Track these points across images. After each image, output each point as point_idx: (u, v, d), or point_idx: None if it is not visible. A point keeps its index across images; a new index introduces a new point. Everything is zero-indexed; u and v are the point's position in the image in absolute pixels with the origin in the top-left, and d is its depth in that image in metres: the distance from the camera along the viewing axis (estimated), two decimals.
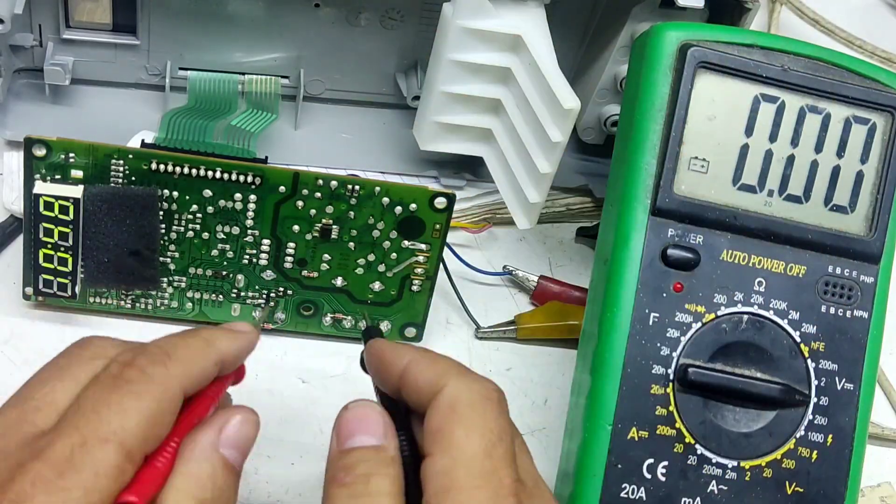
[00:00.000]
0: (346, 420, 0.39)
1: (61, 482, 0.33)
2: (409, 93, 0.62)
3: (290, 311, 0.54)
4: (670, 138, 0.46)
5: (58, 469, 0.33)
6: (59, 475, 0.33)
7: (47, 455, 0.34)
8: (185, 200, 0.51)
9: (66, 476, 0.33)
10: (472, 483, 0.36)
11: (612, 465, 0.44)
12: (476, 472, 0.36)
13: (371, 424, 0.39)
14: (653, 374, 0.45)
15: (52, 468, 0.33)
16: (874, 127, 0.48)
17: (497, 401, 0.38)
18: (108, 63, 0.60)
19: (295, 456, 0.51)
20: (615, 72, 0.60)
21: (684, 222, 0.46)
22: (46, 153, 0.49)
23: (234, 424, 0.38)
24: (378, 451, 0.38)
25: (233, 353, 0.40)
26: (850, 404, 0.47)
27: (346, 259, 0.53)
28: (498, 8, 0.54)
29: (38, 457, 0.34)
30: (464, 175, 0.62)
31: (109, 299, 0.53)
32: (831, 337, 0.47)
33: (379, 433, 0.38)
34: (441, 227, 0.53)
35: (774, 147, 0.47)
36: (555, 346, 0.58)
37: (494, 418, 0.37)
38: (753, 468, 0.45)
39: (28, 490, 0.33)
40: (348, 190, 0.51)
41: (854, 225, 0.48)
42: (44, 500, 0.33)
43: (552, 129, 0.53)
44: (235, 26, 0.59)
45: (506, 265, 0.60)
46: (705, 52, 0.46)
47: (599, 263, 0.47)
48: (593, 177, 0.64)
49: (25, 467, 0.34)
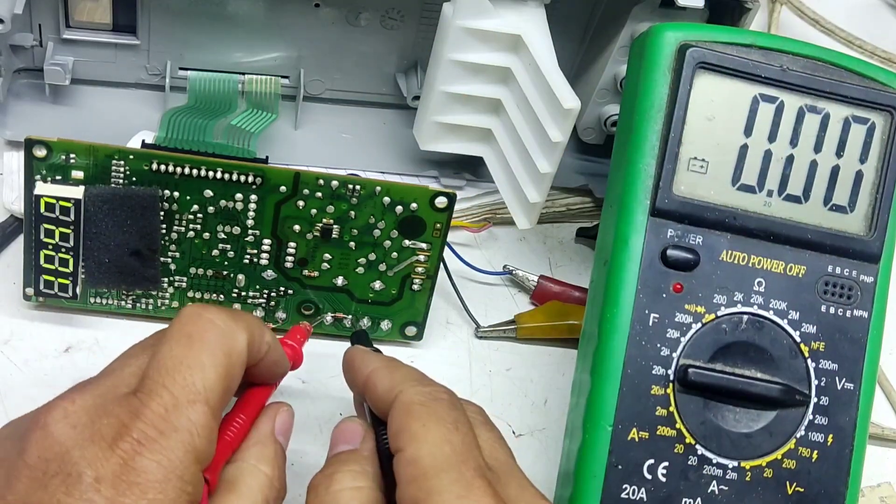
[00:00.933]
0: (332, 436, 0.43)
1: (164, 441, 0.36)
2: (409, 93, 0.62)
3: (290, 310, 0.54)
4: (669, 139, 0.46)
5: (158, 429, 0.36)
6: (161, 434, 0.36)
7: (146, 415, 0.36)
8: (185, 201, 0.51)
9: (167, 435, 0.36)
10: (435, 467, 0.38)
11: (612, 465, 0.44)
12: (438, 457, 0.38)
13: (348, 433, 0.43)
14: (653, 374, 0.45)
15: (153, 428, 0.36)
16: (873, 126, 0.48)
17: (447, 399, 0.40)
18: (108, 63, 0.60)
19: (295, 456, 0.51)
20: (615, 72, 0.60)
21: (684, 223, 0.46)
22: (47, 154, 0.49)
23: (283, 416, 0.43)
24: (351, 453, 0.42)
25: (277, 352, 0.44)
26: (851, 404, 0.47)
27: (346, 258, 0.53)
28: (498, 8, 0.54)
29: (138, 416, 0.36)
30: (464, 175, 0.62)
31: (110, 299, 0.53)
32: (831, 337, 0.47)
33: (356, 440, 0.42)
34: (442, 227, 0.53)
35: (774, 147, 0.47)
36: (555, 345, 0.58)
37: (447, 410, 0.40)
38: (754, 468, 0.45)
39: (136, 448, 0.36)
40: (349, 190, 0.51)
41: (853, 224, 0.48)
42: (151, 458, 0.36)
43: (552, 129, 0.53)
44: (235, 26, 0.59)
45: (506, 265, 0.60)
46: (704, 53, 0.46)
47: (599, 264, 0.47)
48: (593, 177, 0.64)
49: (129, 427, 0.36)
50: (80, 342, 0.53)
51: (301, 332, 0.48)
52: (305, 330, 0.49)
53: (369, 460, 0.41)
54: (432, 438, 0.38)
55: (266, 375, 0.44)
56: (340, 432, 0.43)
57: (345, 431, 0.43)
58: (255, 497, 0.40)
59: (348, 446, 0.42)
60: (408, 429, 0.39)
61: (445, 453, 0.38)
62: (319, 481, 0.40)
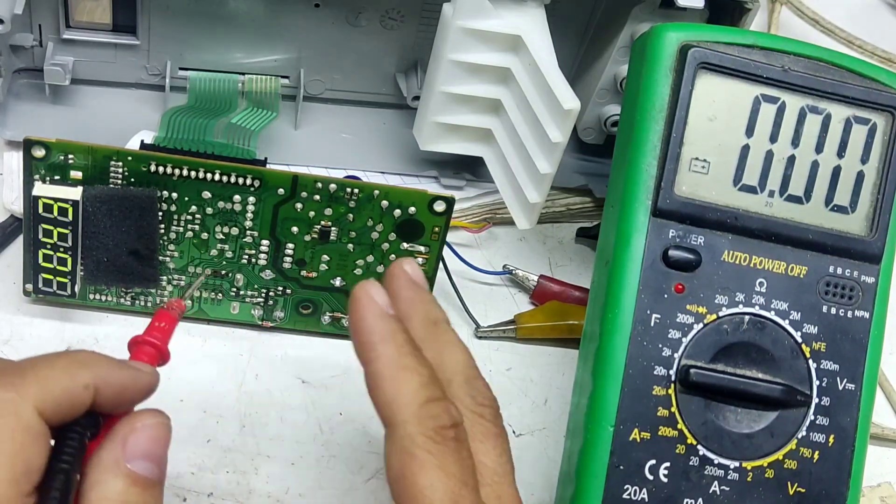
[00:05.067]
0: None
1: None
2: (409, 93, 0.62)
3: (288, 309, 0.54)
4: (671, 139, 0.46)
5: None
6: None
7: None
8: (184, 202, 0.51)
9: None
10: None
11: (613, 466, 0.44)
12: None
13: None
14: (654, 375, 0.45)
15: None
16: (874, 127, 0.48)
17: (453, 437, 0.37)
18: (108, 63, 0.60)
19: (295, 456, 0.51)
20: (615, 72, 0.60)
21: (685, 223, 0.46)
22: (46, 154, 0.49)
23: (139, 433, 0.36)
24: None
25: (114, 381, 0.37)
26: (852, 404, 0.47)
27: (344, 260, 0.53)
28: (498, 8, 0.54)
29: None
30: (464, 175, 0.62)
31: (109, 296, 0.53)
32: (832, 337, 0.47)
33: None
34: (440, 230, 0.53)
35: (775, 147, 0.47)
36: (555, 345, 0.58)
37: (454, 461, 0.37)
38: (755, 469, 0.45)
39: None
40: (347, 193, 0.51)
41: (855, 225, 0.48)
42: None
43: (552, 130, 0.53)
44: (235, 26, 0.59)
45: (506, 265, 0.60)
46: (706, 53, 0.46)
47: (601, 265, 0.47)
48: (593, 177, 0.64)
49: None
50: (81, 341, 0.53)
51: (167, 317, 0.42)
52: (172, 314, 0.43)
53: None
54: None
55: (120, 405, 0.38)
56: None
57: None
58: None
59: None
60: (412, 485, 0.36)
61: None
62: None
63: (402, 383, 0.37)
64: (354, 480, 0.51)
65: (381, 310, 0.39)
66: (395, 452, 0.37)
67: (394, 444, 0.37)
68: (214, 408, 0.52)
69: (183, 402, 0.52)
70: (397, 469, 0.36)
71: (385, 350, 0.38)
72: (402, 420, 0.37)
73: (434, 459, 0.36)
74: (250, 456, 0.51)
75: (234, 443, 0.51)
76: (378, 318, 0.38)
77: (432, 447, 0.36)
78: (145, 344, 0.41)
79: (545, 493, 0.52)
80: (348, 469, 0.51)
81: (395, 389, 0.37)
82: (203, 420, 0.51)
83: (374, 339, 0.38)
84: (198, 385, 0.52)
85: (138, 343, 0.41)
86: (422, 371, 0.38)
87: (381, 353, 0.38)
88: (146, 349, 0.41)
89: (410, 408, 0.37)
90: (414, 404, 0.37)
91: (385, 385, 0.37)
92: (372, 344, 0.38)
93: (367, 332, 0.38)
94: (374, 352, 0.38)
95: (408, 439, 0.37)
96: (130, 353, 0.41)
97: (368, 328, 0.38)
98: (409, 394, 0.37)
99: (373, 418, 0.53)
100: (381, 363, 0.38)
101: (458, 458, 0.37)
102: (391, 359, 0.38)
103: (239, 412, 0.52)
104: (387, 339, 0.38)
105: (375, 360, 0.38)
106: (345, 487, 0.51)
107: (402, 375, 0.38)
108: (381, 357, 0.38)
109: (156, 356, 0.41)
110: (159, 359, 0.41)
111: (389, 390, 0.37)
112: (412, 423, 0.37)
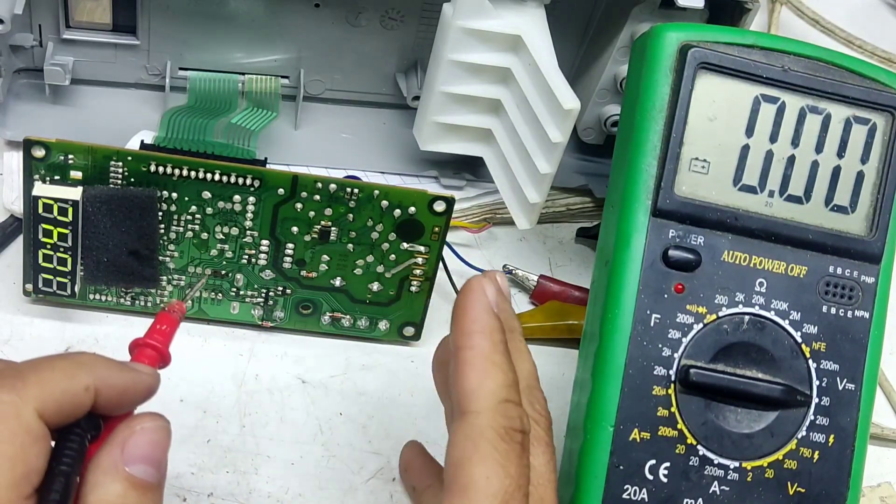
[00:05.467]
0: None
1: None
2: (409, 93, 0.62)
3: (288, 309, 0.54)
4: (671, 139, 0.46)
5: None
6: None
7: None
8: (184, 202, 0.51)
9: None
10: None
11: (613, 466, 0.44)
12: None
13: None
14: (654, 375, 0.45)
15: None
16: (874, 127, 0.48)
17: (520, 441, 0.38)
18: (108, 63, 0.60)
19: (295, 456, 0.51)
20: (615, 72, 0.60)
21: (685, 223, 0.46)
22: (45, 154, 0.49)
23: (138, 436, 0.36)
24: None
25: (115, 383, 0.37)
26: (852, 404, 0.47)
27: (344, 260, 0.53)
28: (498, 8, 0.54)
29: None
30: (464, 175, 0.62)
31: (109, 296, 0.53)
32: (832, 337, 0.47)
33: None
34: (440, 230, 0.53)
35: (775, 147, 0.47)
36: (555, 345, 0.58)
37: (516, 462, 0.37)
38: (755, 469, 0.45)
39: None
40: (347, 193, 0.51)
41: (855, 225, 0.48)
42: None
43: (552, 130, 0.53)
44: (235, 26, 0.59)
45: (506, 265, 0.60)
46: (706, 53, 0.46)
47: (600, 265, 0.47)
48: (593, 177, 0.64)
49: None
50: (81, 341, 0.53)
51: (168, 320, 0.42)
52: (174, 317, 0.43)
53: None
54: (489, 499, 0.36)
55: (121, 407, 0.38)
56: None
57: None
58: None
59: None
60: (469, 473, 0.37)
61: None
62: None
63: (488, 377, 0.39)
64: (354, 480, 0.51)
65: (489, 305, 0.41)
66: (462, 439, 0.37)
67: (462, 431, 0.38)
68: (214, 408, 0.52)
69: (183, 402, 0.52)
70: (458, 455, 0.37)
71: (482, 342, 0.39)
72: (477, 410, 0.38)
73: (498, 456, 0.37)
74: (250, 456, 0.51)
75: (234, 443, 0.51)
76: (484, 310, 0.40)
77: (499, 444, 0.37)
78: (146, 346, 0.41)
79: None
80: (348, 469, 0.51)
81: (479, 380, 0.39)
82: (203, 420, 0.51)
83: (475, 329, 0.40)
84: (198, 385, 0.52)
85: (139, 345, 0.41)
86: (508, 373, 0.39)
87: (477, 344, 0.39)
88: (147, 352, 0.41)
89: (489, 401, 0.38)
90: (493, 399, 0.38)
91: (472, 374, 0.39)
92: (472, 333, 0.40)
93: (471, 320, 0.40)
94: (472, 340, 0.39)
95: (478, 430, 0.37)
96: (131, 355, 0.41)
97: (473, 317, 0.40)
98: (492, 388, 0.38)
99: (373, 418, 0.53)
100: (475, 352, 0.39)
101: (519, 462, 0.38)
102: (485, 351, 0.39)
103: (239, 412, 0.52)
104: (486, 333, 0.40)
105: (470, 349, 0.39)
106: (345, 487, 0.51)
107: (490, 369, 0.39)
108: (477, 347, 0.39)
109: (157, 358, 0.41)
110: (160, 361, 0.41)
111: (475, 379, 0.39)
112: (486, 416, 0.38)
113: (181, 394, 0.52)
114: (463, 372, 0.39)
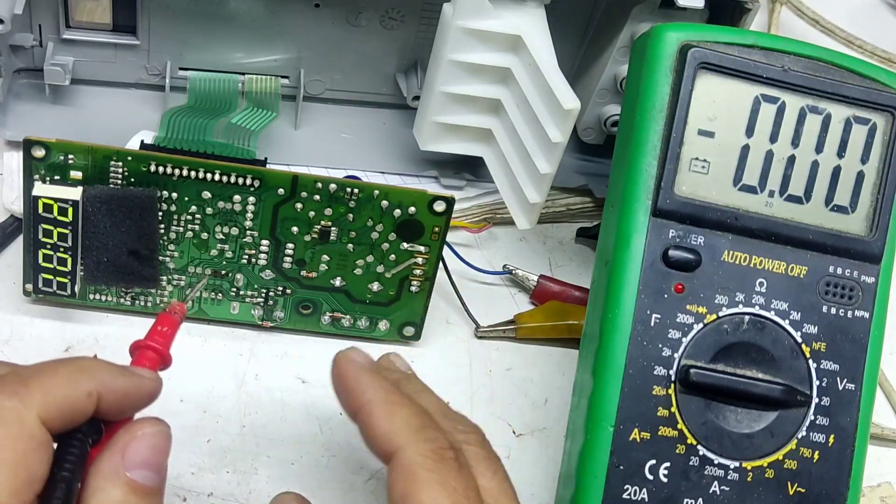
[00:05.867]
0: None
1: None
2: (409, 93, 0.62)
3: (288, 309, 0.54)
4: (671, 139, 0.46)
5: None
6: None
7: None
8: (184, 202, 0.51)
9: None
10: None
11: (614, 466, 0.44)
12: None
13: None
14: (654, 375, 0.45)
15: None
16: (874, 127, 0.48)
17: (453, 457, 0.38)
18: (108, 63, 0.60)
19: (295, 456, 0.51)
20: (615, 72, 0.60)
21: (685, 223, 0.46)
22: (45, 154, 0.49)
23: (139, 442, 0.37)
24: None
25: (117, 388, 0.37)
26: (852, 404, 0.47)
27: (344, 260, 0.53)
28: (498, 8, 0.54)
29: None
30: (464, 175, 0.62)
31: (109, 296, 0.53)
32: (832, 337, 0.47)
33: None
34: (440, 230, 0.53)
35: (775, 147, 0.47)
36: (555, 345, 0.58)
37: (455, 477, 0.38)
38: (755, 469, 0.45)
39: None
40: (347, 193, 0.51)
41: (855, 225, 0.48)
42: None
43: (552, 130, 0.53)
44: (235, 26, 0.59)
45: (506, 265, 0.60)
46: (706, 53, 0.46)
47: (601, 265, 0.47)
48: (593, 177, 0.64)
49: None
50: (81, 341, 0.53)
51: (168, 321, 0.42)
52: (174, 318, 0.42)
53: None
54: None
55: (123, 412, 0.38)
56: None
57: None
58: None
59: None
60: (416, 503, 0.37)
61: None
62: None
63: (394, 414, 0.39)
64: (354, 480, 0.51)
65: (362, 365, 0.42)
66: (398, 479, 0.38)
67: (395, 471, 0.38)
68: (214, 408, 0.52)
69: (183, 403, 0.52)
70: (400, 491, 0.37)
71: (373, 394, 0.40)
72: (399, 445, 0.38)
73: (436, 476, 0.37)
74: (250, 456, 0.51)
75: (234, 443, 0.51)
76: (360, 371, 0.41)
77: (433, 465, 0.37)
78: (147, 349, 0.41)
79: (545, 493, 0.52)
80: (348, 469, 0.51)
81: (388, 422, 0.39)
82: (203, 420, 0.51)
83: (361, 388, 0.40)
84: (198, 385, 0.52)
85: (140, 347, 0.41)
86: (411, 405, 0.40)
87: (371, 398, 0.40)
88: (148, 354, 0.41)
89: (406, 433, 0.39)
90: (408, 429, 0.39)
91: (379, 422, 0.39)
92: (359, 392, 0.40)
93: (352, 384, 0.41)
94: (363, 397, 0.40)
95: (408, 462, 0.38)
96: (132, 357, 0.41)
97: (353, 381, 0.41)
98: (403, 421, 0.39)
99: None
100: (372, 405, 0.40)
101: (459, 475, 0.38)
102: (380, 398, 0.40)
103: (239, 412, 0.52)
104: (373, 386, 0.41)
105: (366, 405, 0.40)
106: (345, 487, 0.51)
107: (393, 409, 0.40)
108: (371, 400, 0.40)
109: (158, 361, 0.41)
110: (161, 363, 0.41)
111: (384, 424, 0.39)
112: (410, 447, 0.38)
113: (181, 394, 0.52)
114: (370, 423, 0.39)
